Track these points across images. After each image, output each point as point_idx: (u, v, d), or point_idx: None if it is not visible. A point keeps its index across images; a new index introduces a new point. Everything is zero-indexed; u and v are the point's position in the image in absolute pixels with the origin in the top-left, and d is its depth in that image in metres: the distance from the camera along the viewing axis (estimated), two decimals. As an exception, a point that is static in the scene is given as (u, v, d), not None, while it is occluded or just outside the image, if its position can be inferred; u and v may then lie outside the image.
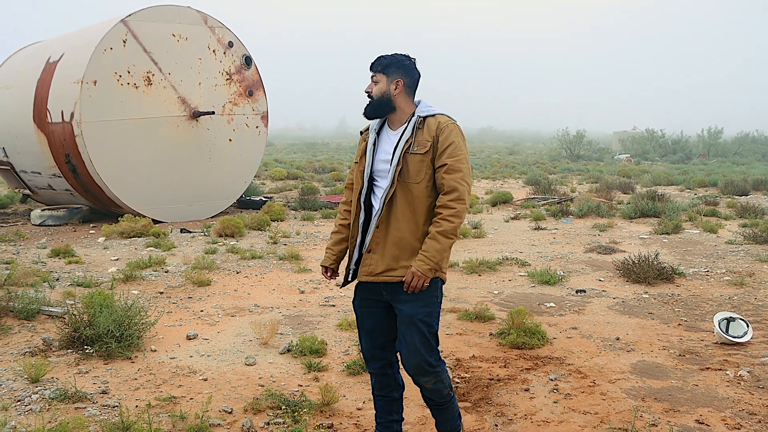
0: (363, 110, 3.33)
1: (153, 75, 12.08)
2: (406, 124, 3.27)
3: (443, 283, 3.31)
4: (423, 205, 3.21)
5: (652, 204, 13.51)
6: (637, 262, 7.82)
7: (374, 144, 3.32)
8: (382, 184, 3.25)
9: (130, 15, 11.92)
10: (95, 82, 11.41)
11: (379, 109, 3.30)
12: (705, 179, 22.15)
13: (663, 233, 11.25)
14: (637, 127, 54.93)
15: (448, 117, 3.27)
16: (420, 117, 3.24)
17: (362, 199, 3.30)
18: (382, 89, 3.27)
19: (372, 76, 3.30)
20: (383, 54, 3.34)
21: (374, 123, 3.39)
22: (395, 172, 3.18)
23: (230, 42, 13.29)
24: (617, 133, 55.33)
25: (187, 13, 12.66)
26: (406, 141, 3.20)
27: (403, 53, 3.35)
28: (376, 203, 3.28)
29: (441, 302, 3.34)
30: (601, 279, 7.91)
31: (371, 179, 3.31)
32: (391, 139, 3.30)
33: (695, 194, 18.90)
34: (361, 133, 3.49)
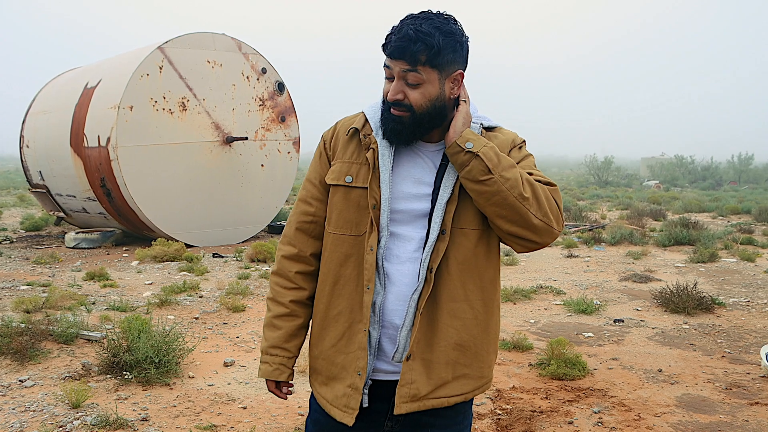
0: (388, 133, 1.84)
1: (188, 101, 12.26)
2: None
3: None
4: (489, 270, 1.92)
5: (686, 231, 13.30)
6: (675, 291, 7.67)
7: (391, 163, 1.86)
8: (404, 232, 1.87)
9: (166, 42, 12.13)
10: (131, 108, 11.60)
11: (426, 127, 1.83)
12: (738, 206, 21.75)
13: (699, 261, 11.04)
14: (665, 153, 54.49)
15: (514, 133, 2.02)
16: (481, 125, 1.92)
17: (380, 261, 1.86)
18: (431, 94, 1.77)
19: (406, 72, 1.76)
20: (416, 26, 1.71)
21: (374, 120, 1.90)
22: (444, 212, 1.82)
23: (264, 68, 13.46)
24: (645, 159, 54.91)
25: (222, 40, 12.86)
26: None
27: (444, 13, 1.78)
28: (403, 265, 1.86)
29: None
30: (639, 308, 7.77)
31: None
32: (425, 156, 1.89)
33: (728, 221, 18.58)
34: (352, 133, 1.93)
